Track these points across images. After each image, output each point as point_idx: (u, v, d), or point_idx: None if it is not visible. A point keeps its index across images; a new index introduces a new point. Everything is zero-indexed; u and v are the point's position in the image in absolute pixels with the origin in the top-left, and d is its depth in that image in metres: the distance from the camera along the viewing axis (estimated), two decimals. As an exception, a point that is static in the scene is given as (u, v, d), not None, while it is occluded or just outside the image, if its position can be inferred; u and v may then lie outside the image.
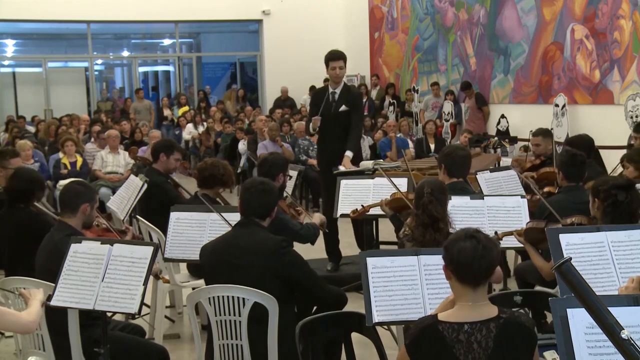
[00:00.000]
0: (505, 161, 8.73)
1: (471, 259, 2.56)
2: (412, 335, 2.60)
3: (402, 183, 5.58)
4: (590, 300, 1.71)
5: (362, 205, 5.17)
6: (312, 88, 15.64)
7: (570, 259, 1.75)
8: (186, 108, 16.68)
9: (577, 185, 4.75)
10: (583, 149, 5.41)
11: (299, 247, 4.32)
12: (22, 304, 3.65)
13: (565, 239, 3.27)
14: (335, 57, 6.66)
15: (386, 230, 6.08)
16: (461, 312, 2.59)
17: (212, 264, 3.75)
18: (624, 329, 1.61)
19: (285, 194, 5.24)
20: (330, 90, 6.68)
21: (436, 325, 2.57)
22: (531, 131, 6.84)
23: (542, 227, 3.95)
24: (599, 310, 1.68)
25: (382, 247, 6.53)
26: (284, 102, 16.59)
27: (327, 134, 6.70)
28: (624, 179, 4.12)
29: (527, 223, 4.25)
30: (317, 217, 5.13)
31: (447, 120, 13.06)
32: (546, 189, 5.46)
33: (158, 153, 6.07)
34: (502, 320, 2.57)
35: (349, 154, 6.51)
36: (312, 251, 6.61)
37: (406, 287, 3.27)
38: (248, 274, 3.58)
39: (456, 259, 2.59)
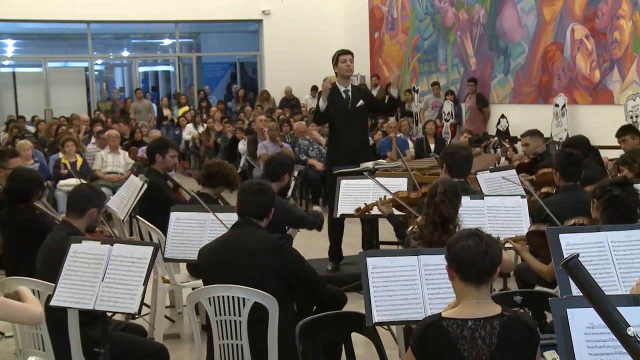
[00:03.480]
0: (505, 162, 8.74)
1: (474, 256, 2.58)
2: (417, 333, 2.61)
3: (402, 183, 5.59)
4: (597, 296, 1.70)
5: (364, 204, 5.19)
6: (314, 88, 15.66)
7: (578, 255, 1.74)
8: (186, 108, 16.68)
9: (575, 184, 4.76)
10: (580, 149, 5.41)
11: (300, 247, 4.33)
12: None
13: (565, 239, 3.26)
14: (345, 52, 6.75)
15: (386, 230, 6.07)
16: (465, 310, 2.61)
17: (211, 265, 3.76)
18: (630, 326, 1.60)
19: (287, 196, 5.25)
20: (342, 88, 6.72)
21: (440, 322, 2.58)
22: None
23: (543, 230, 3.95)
24: (606, 306, 1.67)
25: (382, 247, 6.53)
26: (288, 101, 16.58)
27: (344, 130, 6.70)
28: (619, 177, 4.14)
29: (529, 227, 4.25)
30: (316, 209, 5.19)
31: (447, 120, 13.06)
32: (544, 190, 5.47)
33: (153, 154, 6.05)
34: (505, 317, 2.59)
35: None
36: (312, 251, 6.62)
37: (406, 287, 3.27)
38: (247, 273, 3.59)
39: (459, 257, 2.61)
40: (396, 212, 4.91)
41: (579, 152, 5.00)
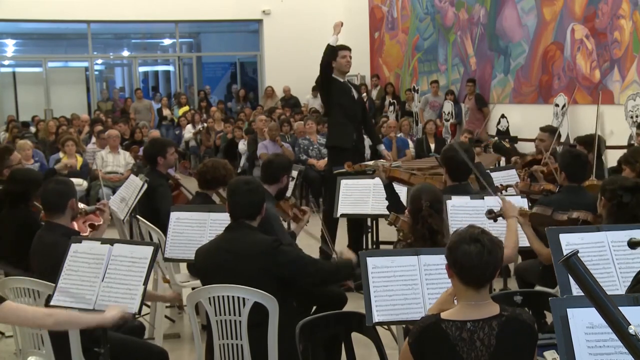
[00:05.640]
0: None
1: (476, 264, 2.55)
2: (415, 333, 2.60)
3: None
4: (597, 294, 1.67)
5: (359, 164, 5.32)
6: (315, 88, 15.62)
7: (578, 251, 1.71)
8: (186, 108, 16.66)
9: (579, 186, 4.73)
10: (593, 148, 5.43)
11: (300, 247, 4.32)
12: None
13: (565, 239, 3.27)
14: (344, 47, 6.82)
15: (386, 231, 6.08)
16: (464, 311, 2.60)
17: (207, 269, 3.75)
18: (631, 325, 1.59)
19: (287, 196, 5.25)
20: (341, 80, 6.79)
21: (439, 324, 2.57)
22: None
23: (548, 214, 4.00)
24: (606, 305, 1.65)
25: (382, 247, 6.53)
26: (287, 101, 16.58)
27: (352, 120, 6.79)
28: (632, 181, 4.05)
29: (534, 207, 4.22)
30: (347, 253, 4.38)
31: (447, 120, 13.06)
32: (546, 187, 5.47)
33: (154, 157, 6.04)
34: (504, 318, 2.57)
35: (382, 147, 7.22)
36: (313, 251, 6.59)
37: (406, 287, 3.27)
38: (243, 277, 3.57)
39: (460, 263, 2.58)
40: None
41: (587, 154, 4.97)
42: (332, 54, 6.72)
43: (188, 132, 14.89)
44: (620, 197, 3.75)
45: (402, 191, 5.33)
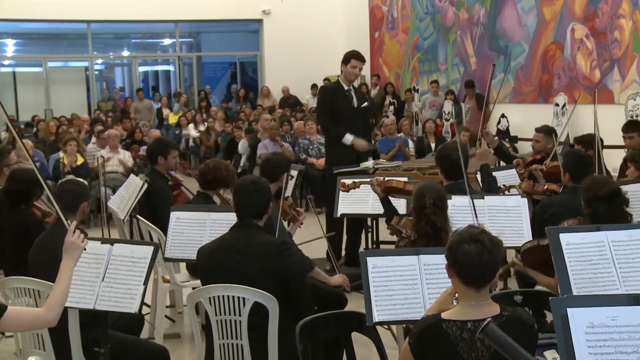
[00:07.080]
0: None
1: (476, 264, 2.55)
2: (416, 333, 2.60)
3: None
4: (518, 355, 1.87)
5: (353, 182, 5.31)
6: (315, 86, 15.65)
7: (491, 320, 1.92)
8: (180, 112, 16.46)
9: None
10: (593, 148, 5.43)
11: (299, 246, 4.32)
12: (21, 305, 3.65)
13: (565, 239, 3.27)
14: (360, 58, 6.78)
15: (386, 231, 6.07)
16: (464, 311, 2.59)
17: (209, 268, 3.74)
18: None
19: (286, 195, 5.25)
20: (345, 87, 6.76)
21: (440, 324, 2.57)
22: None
23: (535, 244, 3.82)
24: None
25: (382, 247, 6.53)
26: (286, 101, 16.59)
27: (349, 130, 6.74)
28: (607, 188, 3.89)
29: (522, 247, 4.09)
30: (336, 279, 4.54)
31: (447, 120, 13.05)
32: (549, 187, 5.46)
33: (155, 156, 6.04)
34: (504, 318, 2.57)
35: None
36: (313, 251, 6.60)
37: (406, 286, 3.27)
38: (246, 277, 3.57)
39: (460, 263, 2.58)
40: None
41: (590, 155, 4.98)
42: (337, 138, 6.77)
43: (192, 130, 14.88)
44: (596, 209, 3.73)
45: (399, 203, 5.33)
